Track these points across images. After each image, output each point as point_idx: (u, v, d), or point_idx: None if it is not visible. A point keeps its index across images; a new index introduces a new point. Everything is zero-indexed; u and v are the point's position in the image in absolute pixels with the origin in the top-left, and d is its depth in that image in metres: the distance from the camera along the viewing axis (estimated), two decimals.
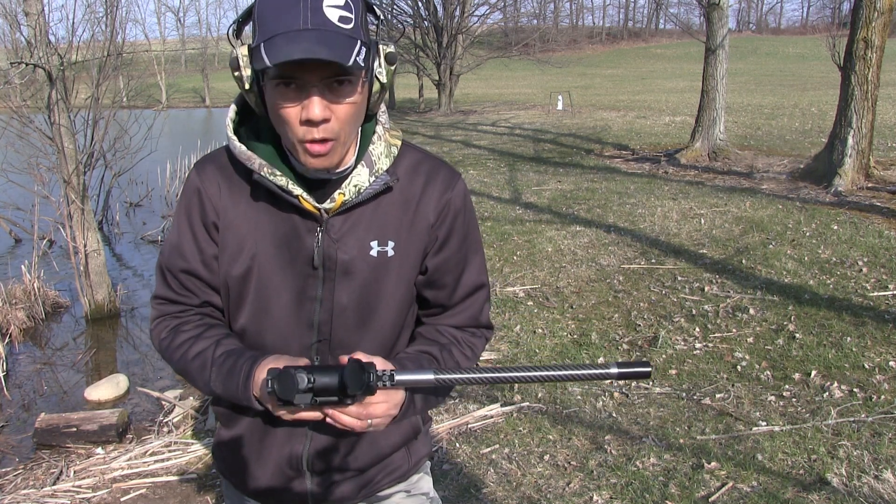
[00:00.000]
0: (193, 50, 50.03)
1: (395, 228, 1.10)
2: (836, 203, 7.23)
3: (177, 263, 1.12)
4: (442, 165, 1.16)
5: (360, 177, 1.06)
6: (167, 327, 1.15)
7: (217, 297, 1.15)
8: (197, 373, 1.10)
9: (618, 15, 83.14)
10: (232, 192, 1.09)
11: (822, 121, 13.98)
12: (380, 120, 1.11)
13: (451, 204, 1.13)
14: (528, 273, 5.47)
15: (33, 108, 6.19)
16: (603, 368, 0.96)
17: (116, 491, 2.99)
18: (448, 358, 1.14)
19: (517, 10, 40.80)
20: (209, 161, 1.13)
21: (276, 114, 0.98)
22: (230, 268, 1.10)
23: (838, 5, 62.10)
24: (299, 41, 0.90)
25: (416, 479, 1.28)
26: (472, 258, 1.18)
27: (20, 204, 8.14)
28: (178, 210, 1.13)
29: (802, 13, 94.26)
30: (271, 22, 0.93)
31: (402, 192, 1.11)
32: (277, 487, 1.17)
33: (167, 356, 1.15)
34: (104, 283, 6.05)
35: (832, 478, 2.64)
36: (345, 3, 0.94)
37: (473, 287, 1.19)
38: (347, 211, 1.08)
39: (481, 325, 1.22)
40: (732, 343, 3.99)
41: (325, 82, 0.94)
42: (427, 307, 1.20)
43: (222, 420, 1.20)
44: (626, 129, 15.35)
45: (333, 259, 1.08)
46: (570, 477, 2.78)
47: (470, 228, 1.17)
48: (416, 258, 1.13)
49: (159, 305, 1.17)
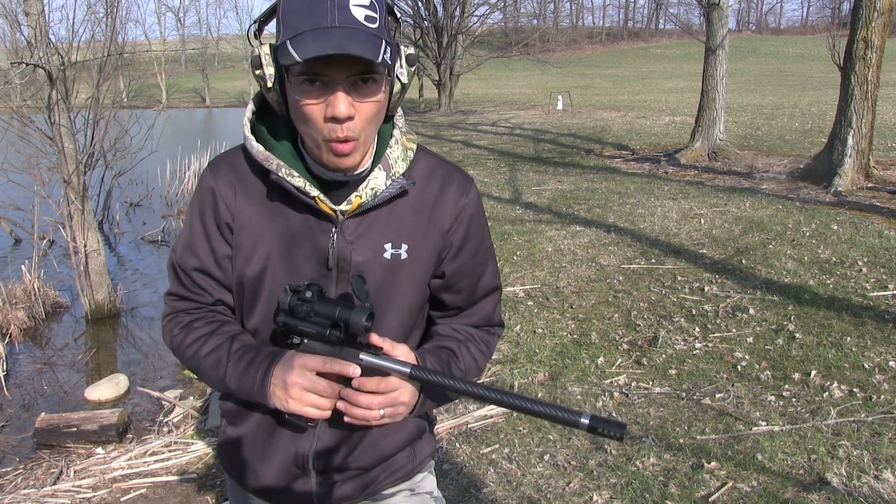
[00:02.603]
0: (193, 50, 50.05)
1: (409, 232, 1.11)
2: (836, 203, 7.23)
3: (189, 262, 1.12)
4: (456, 171, 1.17)
5: (377, 180, 1.06)
6: (180, 323, 1.15)
7: (229, 297, 1.15)
8: (211, 368, 1.09)
9: (618, 15, 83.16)
10: (247, 192, 1.10)
11: (822, 121, 13.98)
12: (397, 123, 1.12)
13: (466, 209, 1.15)
14: (528, 273, 5.47)
15: (33, 108, 6.20)
16: (576, 416, 0.90)
17: (116, 491, 2.99)
18: (465, 353, 1.17)
19: (517, 10, 40.83)
20: (223, 161, 1.13)
21: (300, 111, 0.98)
22: (245, 268, 1.10)
23: (838, 5, 62.14)
24: (328, 38, 0.90)
25: (419, 478, 1.28)
26: (488, 263, 1.22)
27: (20, 204, 8.14)
28: (191, 209, 1.13)
29: (802, 13, 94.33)
30: (298, 19, 0.93)
31: (417, 196, 1.12)
32: (282, 485, 1.17)
33: (179, 352, 1.15)
34: (104, 283, 6.05)
35: (832, 478, 2.64)
36: (370, 3, 0.95)
37: (489, 290, 1.23)
38: (362, 213, 1.08)
39: (494, 323, 1.26)
40: (732, 343, 3.99)
41: (350, 80, 0.95)
42: (443, 309, 1.22)
43: (228, 417, 1.20)
44: (626, 129, 15.35)
45: (347, 261, 1.09)
46: (570, 477, 2.78)
47: (484, 234, 1.20)
48: (428, 262, 1.14)
49: (172, 302, 1.17)
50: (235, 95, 39.80)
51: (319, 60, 0.91)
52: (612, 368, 3.81)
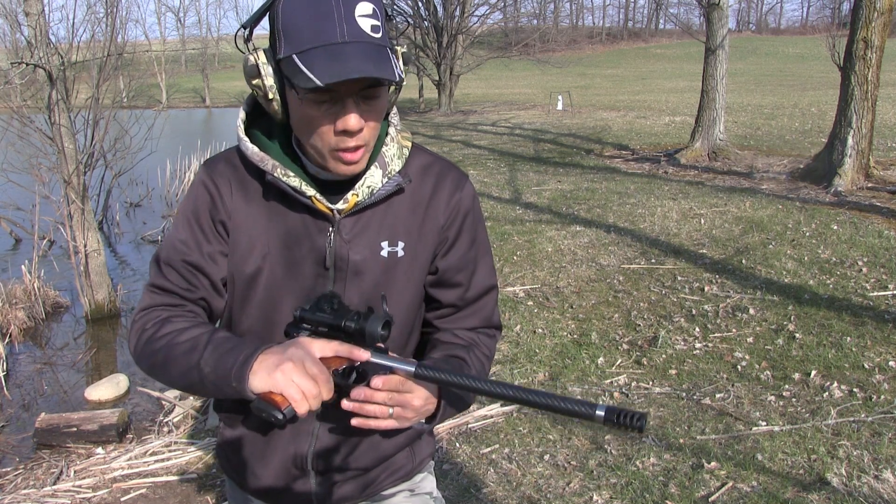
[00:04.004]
0: (193, 50, 50.03)
1: (406, 229, 1.11)
2: (836, 203, 7.23)
3: (177, 255, 1.06)
4: (451, 167, 1.17)
5: (374, 178, 1.06)
6: (157, 318, 1.04)
7: (216, 300, 1.09)
8: (182, 355, 0.97)
9: (618, 15, 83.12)
10: (243, 191, 1.09)
11: (822, 121, 13.97)
12: (392, 122, 1.12)
13: (460, 204, 1.14)
14: (528, 273, 5.47)
15: (33, 108, 6.20)
16: (590, 408, 0.88)
17: (116, 491, 2.99)
18: (474, 359, 1.15)
19: (517, 10, 40.82)
20: (219, 160, 1.12)
21: (308, 124, 0.98)
22: (240, 266, 1.08)
23: (838, 5, 62.13)
24: (344, 58, 0.89)
25: (419, 478, 1.28)
26: (482, 259, 1.19)
27: (20, 204, 8.14)
28: (183, 205, 1.11)
29: (802, 13, 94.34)
30: (303, 33, 0.91)
31: (413, 194, 1.12)
32: (281, 486, 1.17)
33: (142, 348, 1.02)
34: (104, 283, 6.05)
35: (832, 478, 2.64)
36: (373, 11, 0.94)
37: (485, 289, 1.20)
38: (359, 212, 1.08)
39: (493, 325, 1.24)
40: (732, 343, 3.99)
41: (361, 93, 0.95)
42: (438, 308, 1.19)
43: (226, 420, 1.19)
44: (626, 129, 15.35)
45: (345, 259, 1.08)
46: (570, 477, 2.78)
47: (479, 229, 1.19)
48: (425, 259, 1.13)
49: (152, 293, 1.07)
50: (235, 95, 39.77)
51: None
52: (612, 368, 3.81)
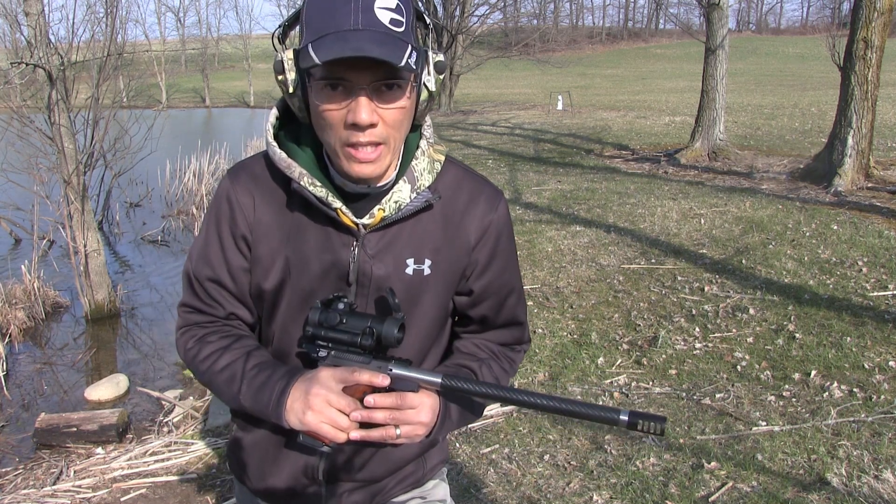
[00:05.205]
0: (193, 50, 49.98)
1: (434, 247, 1.07)
2: (836, 203, 7.23)
3: (203, 272, 1.09)
4: (485, 184, 1.13)
5: (402, 193, 1.03)
6: (193, 337, 1.11)
7: (244, 311, 1.12)
8: (224, 385, 1.06)
9: (618, 15, 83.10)
10: (266, 202, 1.06)
11: (822, 121, 13.97)
12: (424, 134, 1.08)
13: (493, 225, 1.11)
14: (528, 273, 5.47)
15: (33, 108, 6.20)
16: (614, 413, 0.92)
17: (116, 491, 2.99)
18: (487, 372, 1.13)
19: (517, 10, 40.84)
20: (243, 169, 1.10)
21: (321, 117, 0.95)
22: (263, 280, 1.07)
23: (838, 5, 62.12)
24: (350, 40, 0.87)
25: (431, 485, 1.26)
26: (515, 278, 1.18)
27: (20, 204, 8.14)
28: (207, 216, 1.11)
29: (802, 13, 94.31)
30: (320, 22, 0.90)
31: (443, 210, 1.08)
32: (291, 493, 1.16)
33: (192, 367, 1.12)
34: (104, 283, 6.05)
35: (832, 478, 2.64)
36: (396, 6, 0.92)
37: (516, 308, 1.19)
38: (386, 227, 1.04)
39: (522, 341, 1.23)
40: (732, 343, 3.99)
41: (373, 85, 0.92)
42: (468, 325, 1.19)
43: (240, 423, 1.18)
44: (626, 129, 15.34)
45: (368, 275, 1.05)
46: (570, 477, 2.78)
47: (511, 251, 1.16)
48: (452, 278, 1.10)
49: (186, 314, 1.14)
50: (235, 95, 39.80)
51: (341, 64, 0.88)
52: (612, 368, 3.81)
